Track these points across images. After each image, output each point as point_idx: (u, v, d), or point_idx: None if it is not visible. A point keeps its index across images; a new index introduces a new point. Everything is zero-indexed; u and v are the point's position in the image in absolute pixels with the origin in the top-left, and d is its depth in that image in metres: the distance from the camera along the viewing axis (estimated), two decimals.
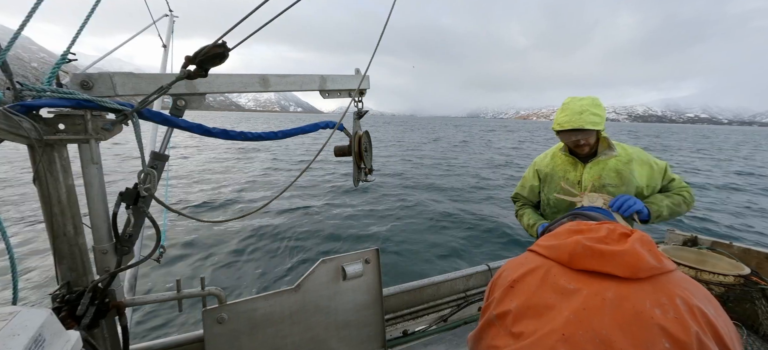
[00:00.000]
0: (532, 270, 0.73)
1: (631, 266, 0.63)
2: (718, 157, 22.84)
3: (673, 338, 0.55)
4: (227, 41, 0.81)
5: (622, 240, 0.69)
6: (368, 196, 8.78)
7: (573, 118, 1.52)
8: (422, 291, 2.49)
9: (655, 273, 0.64)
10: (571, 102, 1.58)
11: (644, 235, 0.70)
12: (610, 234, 0.70)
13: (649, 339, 0.56)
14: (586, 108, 1.52)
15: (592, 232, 0.72)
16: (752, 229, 7.41)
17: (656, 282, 0.63)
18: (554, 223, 0.94)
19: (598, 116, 1.51)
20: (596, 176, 1.62)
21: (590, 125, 1.50)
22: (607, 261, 0.65)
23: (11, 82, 0.85)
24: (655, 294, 0.61)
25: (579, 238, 0.70)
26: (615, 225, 0.74)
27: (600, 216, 0.89)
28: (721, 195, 10.80)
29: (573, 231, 0.75)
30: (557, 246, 0.72)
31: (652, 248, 0.67)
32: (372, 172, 1.54)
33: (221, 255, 5.27)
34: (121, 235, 1.05)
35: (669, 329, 0.56)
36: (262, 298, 1.58)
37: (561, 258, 0.71)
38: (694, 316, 0.58)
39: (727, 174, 15.37)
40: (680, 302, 0.59)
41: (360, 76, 1.41)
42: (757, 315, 2.06)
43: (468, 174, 13.53)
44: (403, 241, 6.03)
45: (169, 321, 3.65)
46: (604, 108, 1.57)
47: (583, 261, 0.67)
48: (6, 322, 0.59)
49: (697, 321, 0.58)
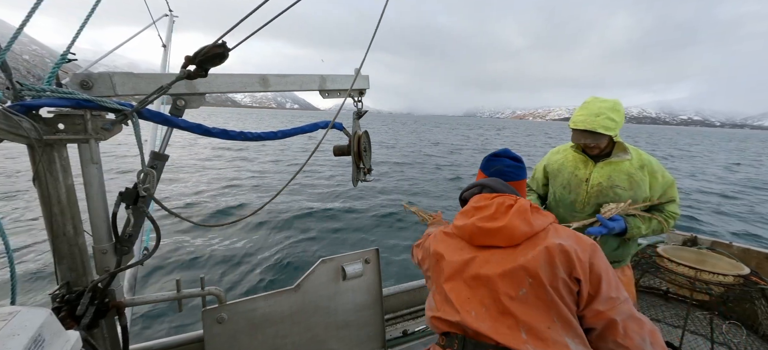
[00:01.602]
0: (449, 244, 1.06)
1: (508, 238, 0.93)
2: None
3: (530, 272, 0.86)
4: (227, 41, 0.81)
5: (505, 214, 0.96)
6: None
7: (588, 118, 1.52)
8: (422, 290, 2.49)
9: (528, 236, 0.92)
10: (592, 102, 1.58)
11: (522, 205, 0.96)
12: (498, 209, 0.98)
13: (517, 278, 0.87)
14: (603, 111, 1.51)
15: (485, 211, 0.99)
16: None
17: (528, 242, 0.92)
18: (467, 190, 1.18)
19: (613, 121, 1.50)
20: (606, 176, 1.62)
21: (602, 129, 1.49)
22: (492, 237, 0.95)
23: (11, 82, 0.85)
24: (525, 250, 0.90)
25: (474, 221, 0.99)
26: (504, 197, 1.01)
27: (499, 186, 1.11)
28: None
29: (474, 209, 1.04)
30: (462, 228, 1.03)
31: (526, 216, 0.94)
32: (371, 172, 1.54)
33: (221, 255, 5.27)
34: (121, 235, 1.05)
35: (527, 267, 0.86)
36: (262, 298, 1.58)
37: (464, 236, 1.03)
38: (548, 253, 0.87)
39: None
40: (541, 249, 0.88)
41: (360, 76, 1.41)
42: (757, 314, 2.06)
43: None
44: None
45: (166, 313, 3.64)
46: (623, 114, 1.56)
47: (478, 239, 0.98)
48: (6, 322, 0.59)
49: (549, 255, 0.86)
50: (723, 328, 2.11)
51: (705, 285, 2.06)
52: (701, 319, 2.20)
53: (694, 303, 2.20)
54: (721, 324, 2.13)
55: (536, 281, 0.86)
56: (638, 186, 1.59)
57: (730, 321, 2.14)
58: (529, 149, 28.88)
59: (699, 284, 2.08)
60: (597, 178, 1.63)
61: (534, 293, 0.85)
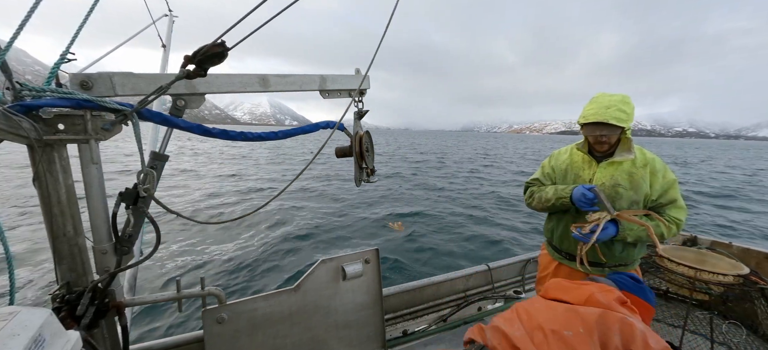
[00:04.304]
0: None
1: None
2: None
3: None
4: (226, 41, 0.81)
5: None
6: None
7: (599, 111, 1.51)
8: (422, 291, 2.49)
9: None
10: (600, 96, 1.56)
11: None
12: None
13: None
14: (614, 104, 1.50)
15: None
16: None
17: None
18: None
19: (624, 113, 1.48)
20: (608, 176, 1.61)
21: (615, 121, 1.48)
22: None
23: (11, 82, 0.85)
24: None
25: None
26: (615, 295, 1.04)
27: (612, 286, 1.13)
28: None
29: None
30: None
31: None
32: (374, 173, 1.53)
33: (222, 255, 5.27)
34: (121, 235, 1.05)
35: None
36: (262, 298, 1.58)
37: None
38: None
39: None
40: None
41: (360, 76, 1.40)
42: (757, 314, 2.06)
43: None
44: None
45: (166, 310, 3.64)
46: (633, 107, 1.54)
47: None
48: (6, 322, 0.59)
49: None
50: (723, 328, 2.11)
51: (705, 285, 2.06)
52: (701, 319, 2.20)
53: (694, 303, 2.20)
54: (720, 324, 2.13)
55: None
56: (639, 185, 1.58)
57: (730, 320, 2.14)
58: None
59: (699, 284, 2.07)
60: (600, 178, 1.63)
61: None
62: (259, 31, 0.83)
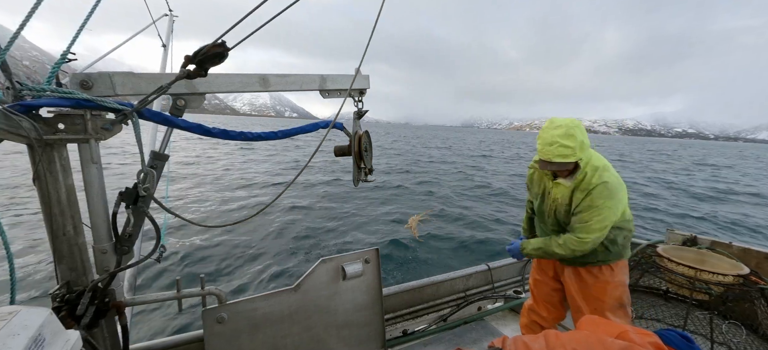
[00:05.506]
0: None
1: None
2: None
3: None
4: (226, 41, 0.81)
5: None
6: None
7: (544, 149, 1.49)
8: (422, 290, 2.49)
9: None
10: (546, 130, 1.51)
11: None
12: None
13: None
14: (557, 140, 1.45)
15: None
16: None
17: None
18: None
19: (568, 148, 1.43)
20: (559, 194, 1.65)
21: (558, 159, 1.45)
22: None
23: (11, 82, 0.85)
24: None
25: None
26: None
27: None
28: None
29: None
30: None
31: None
32: (372, 172, 1.54)
33: (222, 255, 5.27)
34: (121, 235, 1.05)
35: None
36: (262, 298, 1.58)
37: None
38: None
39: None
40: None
41: (360, 75, 1.41)
42: (757, 314, 2.06)
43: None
44: None
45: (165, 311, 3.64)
46: (578, 135, 1.45)
47: None
48: (6, 322, 0.59)
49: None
50: (723, 328, 2.11)
51: (705, 284, 2.06)
52: (701, 319, 2.19)
53: (693, 303, 2.20)
54: (720, 324, 2.13)
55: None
56: (574, 205, 1.59)
57: (730, 320, 2.14)
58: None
59: (699, 284, 2.07)
60: (555, 194, 1.68)
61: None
62: (258, 20, 0.83)
